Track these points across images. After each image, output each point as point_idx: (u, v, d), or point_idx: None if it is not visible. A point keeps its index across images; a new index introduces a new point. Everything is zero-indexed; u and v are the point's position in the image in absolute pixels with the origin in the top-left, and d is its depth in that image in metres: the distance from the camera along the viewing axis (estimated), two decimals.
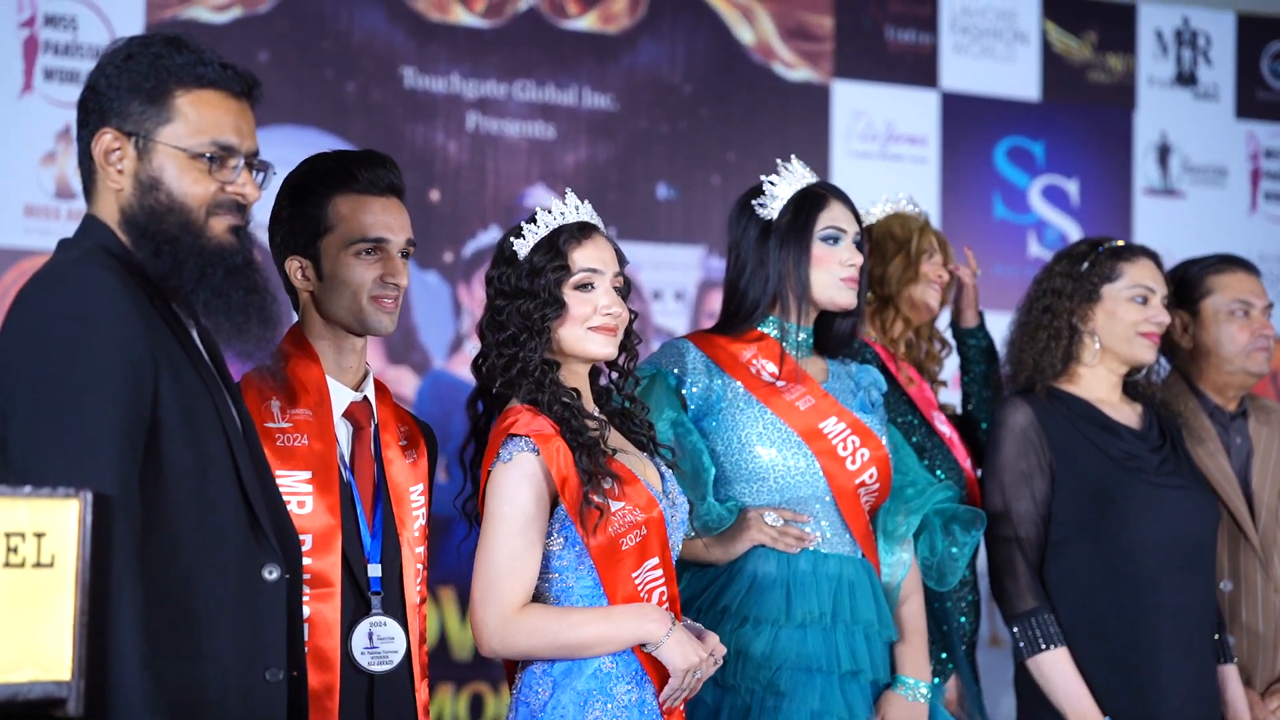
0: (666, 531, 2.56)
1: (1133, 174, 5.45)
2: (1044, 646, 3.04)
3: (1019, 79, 5.35)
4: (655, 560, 2.54)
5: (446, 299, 4.68)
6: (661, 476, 2.64)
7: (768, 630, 2.80)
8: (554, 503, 2.52)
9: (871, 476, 2.89)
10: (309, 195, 2.54)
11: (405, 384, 4.58)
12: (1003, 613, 3.10)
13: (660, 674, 2.51)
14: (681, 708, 2.56)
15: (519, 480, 2.49)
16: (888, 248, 3.37)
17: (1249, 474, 3.38)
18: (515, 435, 2.51)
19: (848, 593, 2.85)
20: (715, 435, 2.86)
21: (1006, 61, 5.33)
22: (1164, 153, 5.49)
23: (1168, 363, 3.49)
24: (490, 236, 4.73)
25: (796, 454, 2.85)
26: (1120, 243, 3.24)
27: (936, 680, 3.05)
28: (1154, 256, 3.22)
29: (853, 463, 2.87)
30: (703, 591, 2.86)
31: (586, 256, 2.59)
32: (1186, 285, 3.42)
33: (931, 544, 2.98)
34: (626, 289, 2.65)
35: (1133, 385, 3.23)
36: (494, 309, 2.60)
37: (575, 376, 2.62)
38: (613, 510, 2.49)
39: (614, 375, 2.69)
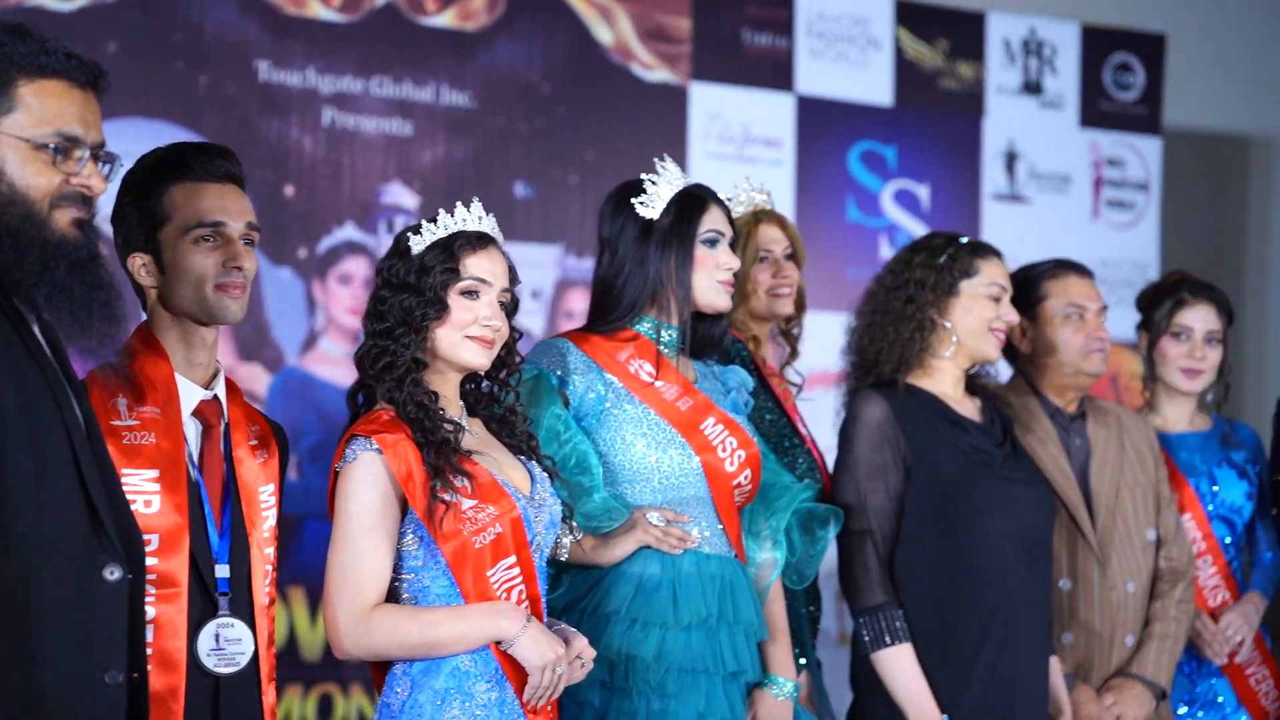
0: (526, 532, 2.57)
1: (981, 179, 5.56)
2: (889, 642, 3.07)
3: (873, 84, 5.43)
4: (512, 560, 2.55)
5: (300, 295, 4.63)
6: (533, 480, 2.65)
7: (656, 632, 2.81)
8: (404, 503, 2.52)
9: (747, 477, 2.92)
10: (146, 189, 2.51)
11: (257, 381, 4.52)
12: (850, 606, 3.13)
13: (520, 673, 2.52)
14: (549, 707, 2.57)
15: (363, 480, 2.51)
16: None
17: (1088, 474, 3.46)
18: (358, 435, 2.53)
19: (730, 593, 2.87)
20: (597, 435, 2.86)
21: (861, 67, 5.41)
22: (1011, 159, 5.60)
23: (1010, 365, 3.57)
24: (346, 233, 4.69)
25: (680, 453, 2.86)
26: (974, 240, 3.29)
27: (797, 681, 3.08)
28: (1002, 257, 3.27)
29: (731, 463, 2.90)
30: (586, 594, 2.86)
31: (479, 265, 2.61)
32: (1025, 290, 3.49)
33: (791, 543, 3.02)
34: (513, 306, 2.67)
35: (971, 380, 3.27)
36: (378, 299, 2.62)
37: (443, 381, 2.63)
38: (464, 509, 2.50)
39: (494, 387, 2.69)
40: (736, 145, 5.22)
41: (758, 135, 5.26)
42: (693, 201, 2.92)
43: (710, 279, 2.91)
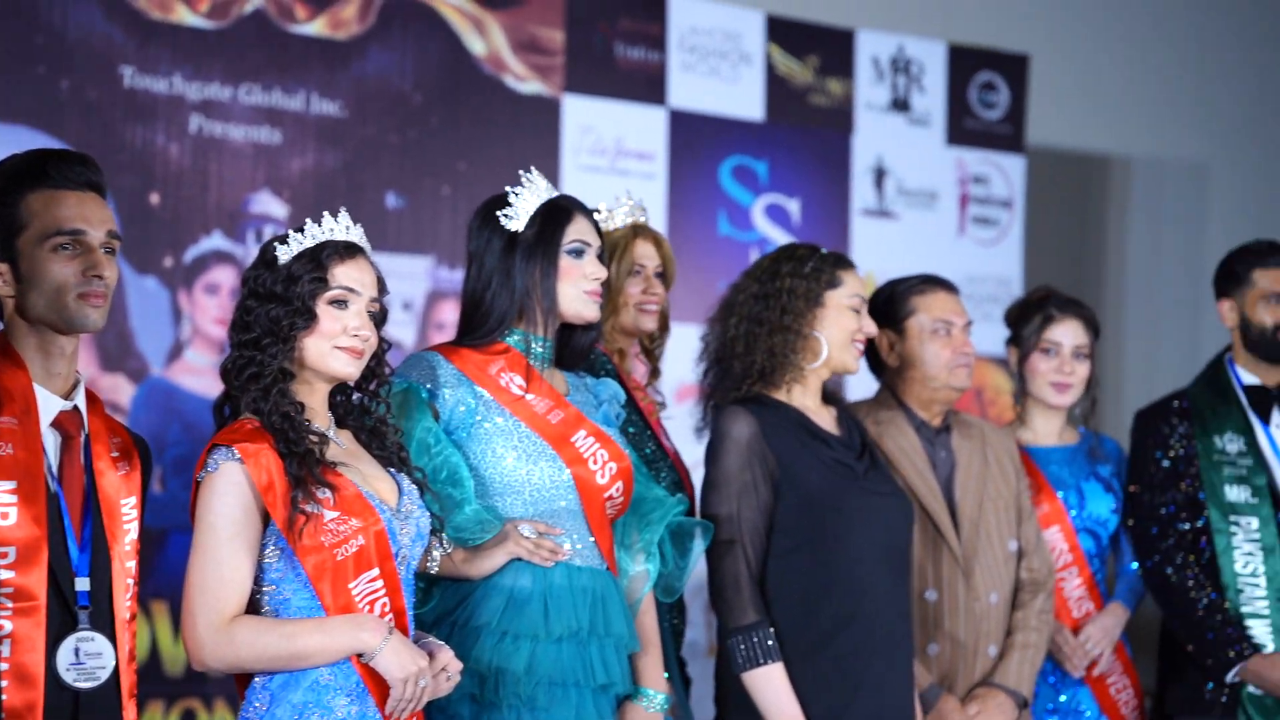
0: (390, 544, 2.55)
1: (850, 195, 5.63)
2: (760, 661, 3.07)
3: (744, 99, 5.48)
4: (375, 572, 2.53)
5: (165, 305, 4.55)
6: (400, 492, 2.63)
7: (526, 645, 2.80)
8: (266, 514, 2.50)
9: (618, 490, 2.92)
10: (3, 196, 2.47)
11: (120, 392, 4.44)
12: (721, 624, 3.13)
13: (383, 686, 2.50)
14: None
15: (224, 490, 2.49)
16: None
17: (953, 487, 3.51)
18: (220, 445, 2.51)
19: (601, 606, 2.87)
20: (468, 448, 2.85)
21: (732, 82, 5.45)
22: (879, 175, 5.68)
23: (877, 379, 3.61)
24: (213, 242, 4.62)
25: (550, 466, 2.86)
26: (833, 251, 3.29)
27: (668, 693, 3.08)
28: (856, 269, 3.29)
29: (602, 476, 2.90)
30: (457, 607, 2.84)
31: (347, 275, 2.60)
32: (892, 304, 3.53)
33: (662, 556, 3.03)
34: (382, 317, 2.66)
35: (828, 393, 3.28)
36: (244, 309, 2.60)
37: (311, 392, 2.62)
38: (326, 521, 2.49)
39: (364, 398, 2.68)
40: (609, 158, 5.23)
41: (630, 148, 5.27)
42: (557, 212, 2.92)
43: (576, 289, 2.92)
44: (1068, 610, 3.75)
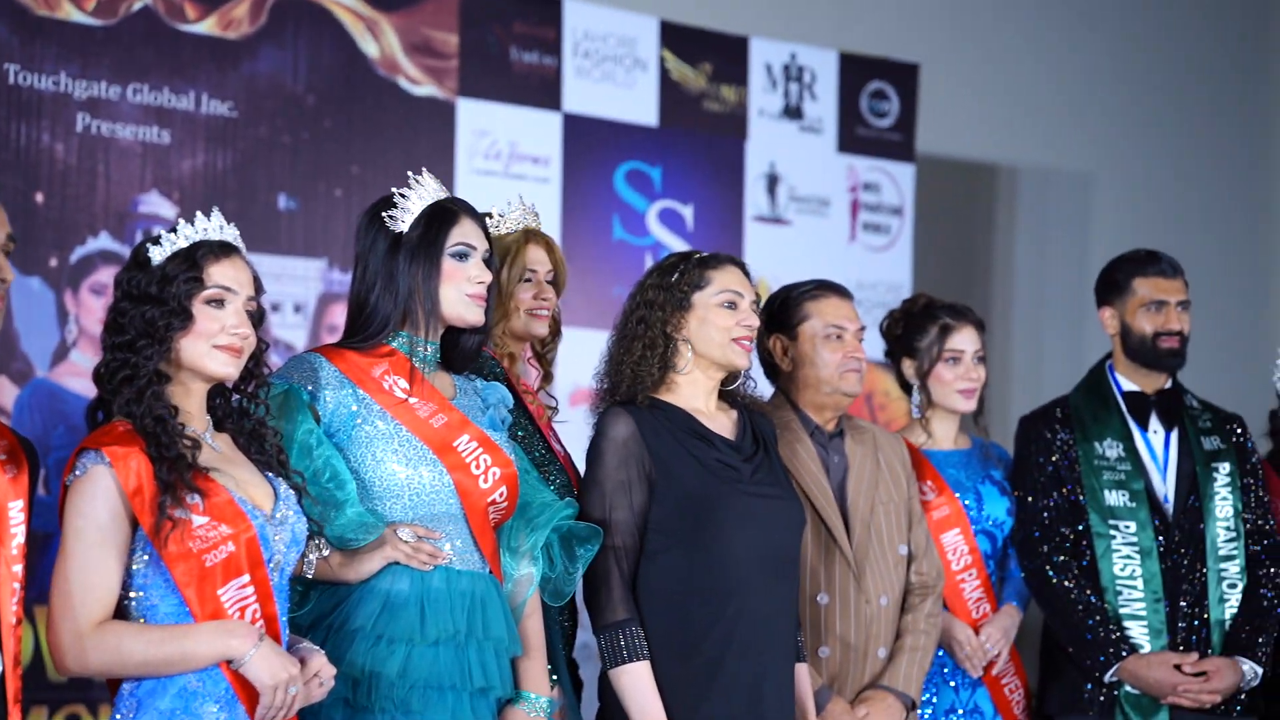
0: (262, 551, 2.53)
1: (744, 201, 5.67)
2: (626, 658, 3.07)
3: (638, 105, 5.50)
4: (245, 579, 2.52)
5: (51, 306, 4.47)
6: (276, 497, 2.61)
7: (401, 649, 2.79)
8: (135, 519, 2.47)
9: (502, 495, 2.92)
10: None
11: (4, 393, 4.36)
12: (592, 622, 3.13)
13: (253, 693, 2.49)
14: None
15: (91, 494, 2.47)
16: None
17: (845, 490, 3.55)
18: (88, 449, 2.48)
19: (480, 609, 2.87)
20: (349, 451, 2.83)
21: (627, 87, 5.47)
22: (772, 182, 5.72)
23: (772, 384, 3.64)
24: (100, 243, 4.55)
25: (431, 470, 2.85)
26: (707, 253, 3.31)
27: (553, 697, 3.08)
28: (740, 265, 3.30)
29: (485, 480, 2.89)
30: (332, 610, 2.82)
31: (223, 274, 2.58)
32: (786, 310, 3.57)
33: (550, 560, 3.03)
34: (259, 316, 2.63)
35: (729, 394, 3.31)
36: (117, 311, 2.57)
37: (187, 394, 2.59)
38: (195, 526, 2.46)
39: (243, 400, 2.65)
40: (504, 162, 5.23)
41: (525, 153, 5.27)
42: (442, 214, 2.92)
43: (459, 292, 2.91)
44: (966, 611, 3.81)
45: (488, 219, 3.50)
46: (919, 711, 3.68)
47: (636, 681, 3.07)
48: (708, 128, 5.60)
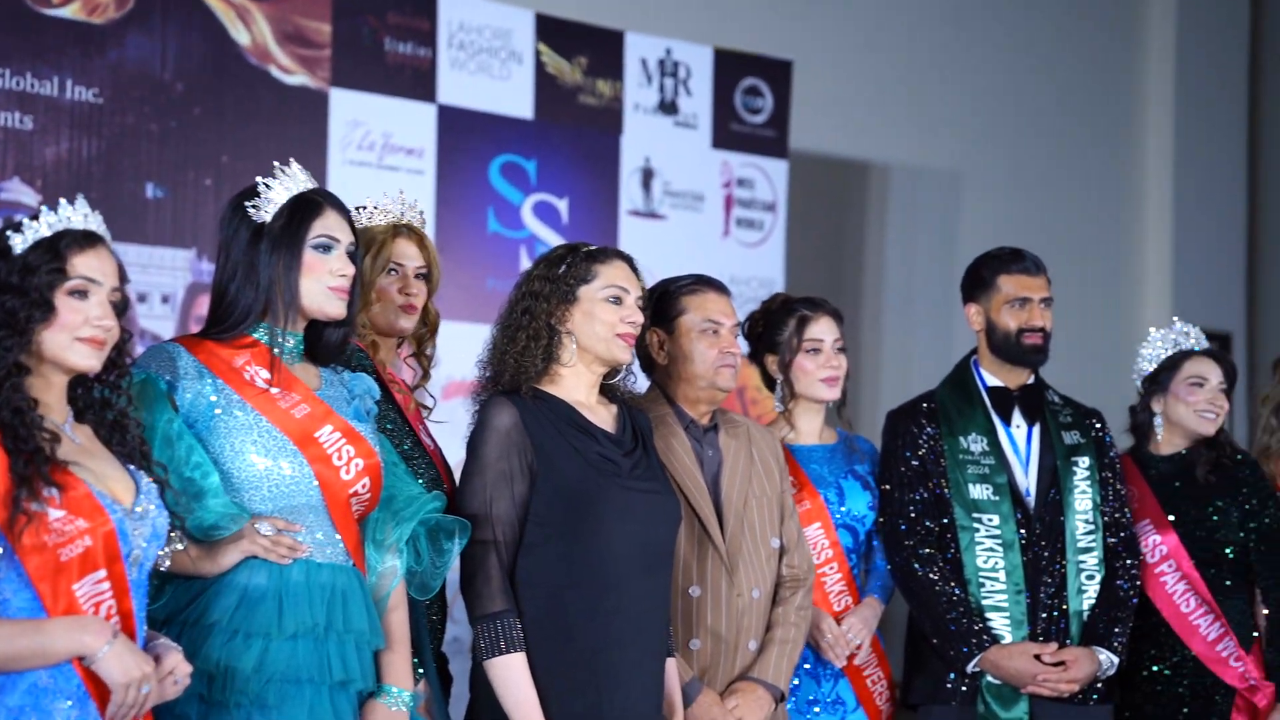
0: (120, 545, 2.49)
1: (619, 195, 5.68)
2: (503, 649, 3.07)
3: (514, 97, 5.48)
4: (102, 574, 2.47)
5: None
6: (137, 490, 2.57)
7: (258, 643, 2.76)
8: None
9: (365, 486, 2.90)
10: None
11: None
12: (469, 613, 3.12)
13: (105, 691, 2.44)
14: None
15: None
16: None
17: (719, 484, 3.57)
18: None
19: (341, 602, 2.84)
20: (208, 442, 2.79)
21: (502, 80, 5.46)
22: (647, 176, 5.74)
23: (648, 377, 3.65)
24: None
25: (291, 462, 2.82)
26: (595, 246, 3.31)
27: (416, 689, 3.06)
28: (628, 259, 3.30)
29: (347, 472, 2.87)
30: (189, 605, 2.78)
31: (87, 264, 2.52)
32: (663, 304, 3.58)
33: (417, 553, 3.02)
34: (123, 305, 2.58)
35: (610, 388, 3.32)
36: None
37: (47, 386, 2.54)
38: (51, 521, 2.42)
39: (105, 391, 2.60)
40: (377, 153, 5.19)
41: (399, 144, 5.24)
42: (305, 206, 2.89)
43: (320, 284, 2.89)
44: (828, 604, 3.84)
45: (359, 211, 3.48)
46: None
47: (512, 673, 3.07)
48: (583, 121, 5.60)
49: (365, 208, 3.48)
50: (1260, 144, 7.87)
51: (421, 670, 3.17)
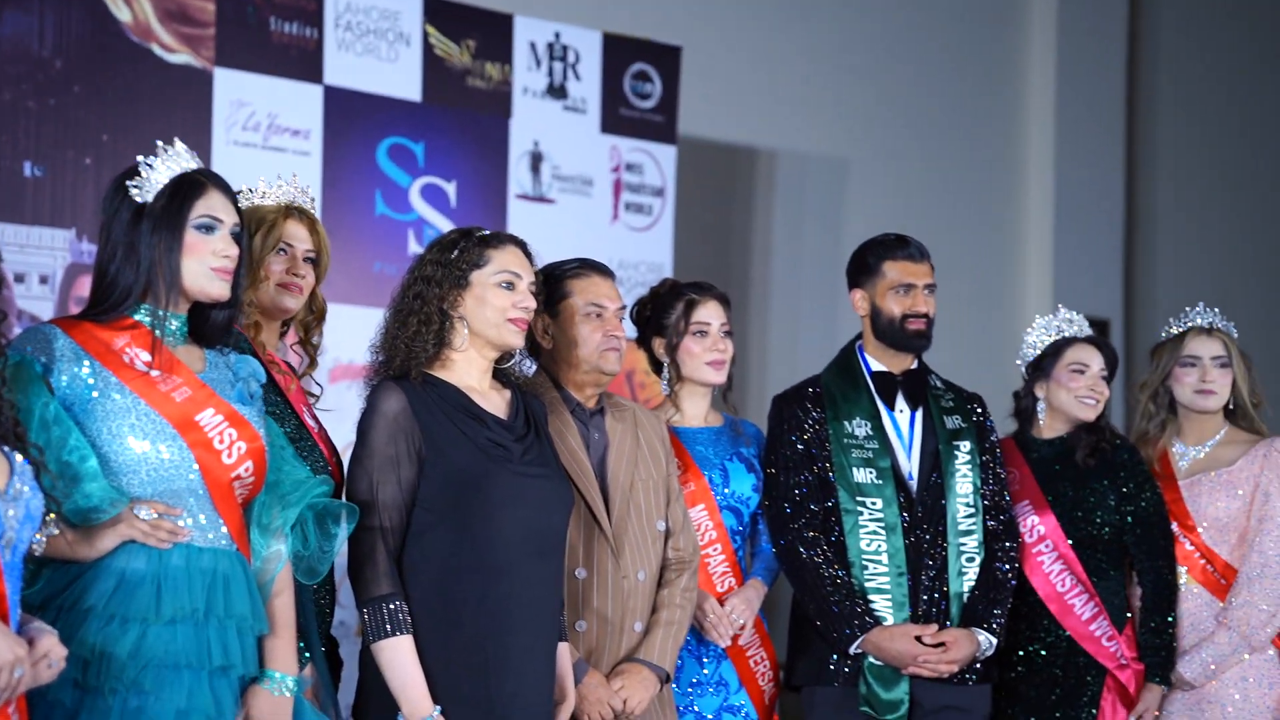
0: None
1: (508, 179, 5.67)
2: (389, 632, 3.06)
3: (402, 79, 5.45)
4: None
5: None
6: (11, 471, 2.52)
7: (135, 628, 2.73)
8: None
9: (248, 470, 2.88)
10: None
11: None
12: (356, 597, 3.11)
13: None
14: (11, 710, 2.45)
15: None
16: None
17: (605, 467, 3.59)
18: None
19: (222, 587, 2.82)
20: (86, 425, 2.75)
21: (390, 61, 5.42)
22: (536, 160, 5.73)
23: (534, 362, 3.66)
24: None
25: (171, 446, 2.79)
26: (489, 231, 3.30)
27: (302, 674, 3.04)
28: (521, 244, 3.30)
29: (229, 456, 2.85)
30: (65, 589, 2.74)
31: None
32: (549, 287, 3.58)
33: (305, 537, 2.99)
34: None
35: (503, 373, 3.31)
36: None
37: None
38: None
39: None
40: (262, 134, 5.13)
41: (284, 125, 5.18)
42: (188, 186, 2.87)
43: (202, 265, 2.87)
44: (712, 585, 3.87)
45: (249, 190, 3.45)
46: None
47: (399, 655, 3.06)
48: (472, 104, 5.58)
49: (255, 188, 3.45)
50: (1138, 135, 8.03)
51: (308, 655, 3.15)
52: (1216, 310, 4.26)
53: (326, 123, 5.26)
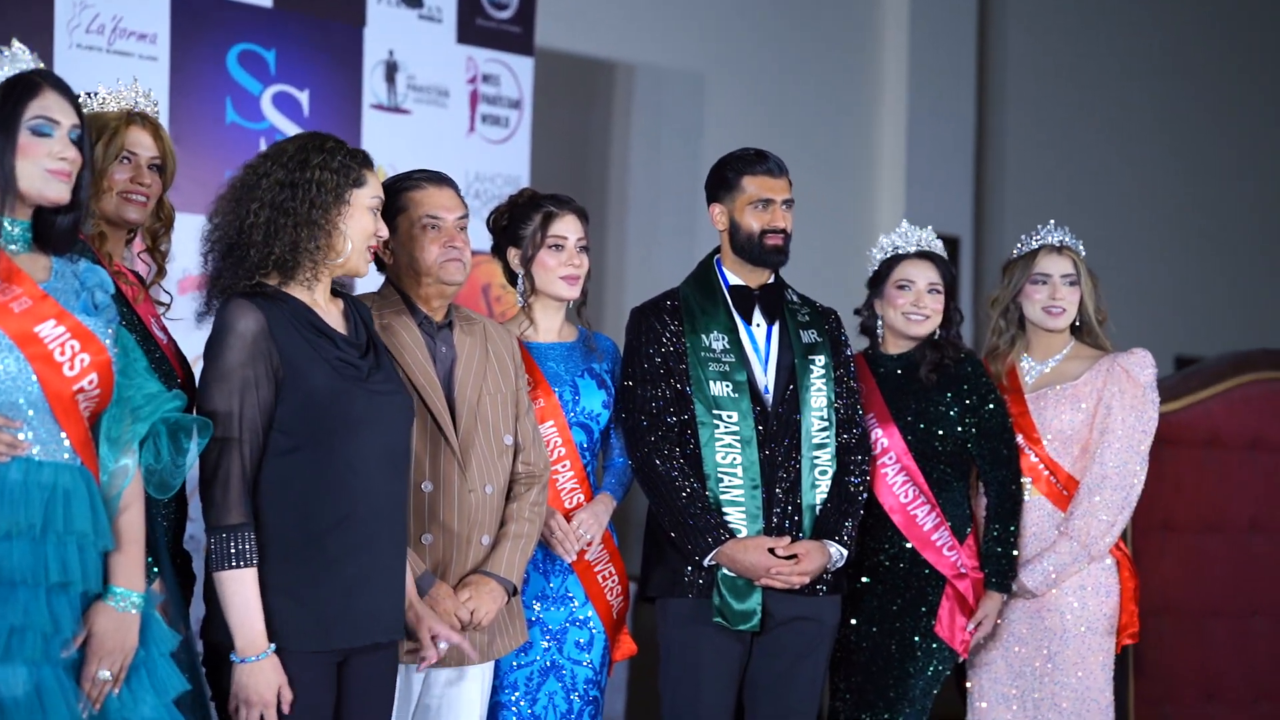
0: None
1: (362, 89, 5.58)
2: (234, 564, 3.01)
3: None
4: None
5: None
6: None
7: None
8: None
9: (91, 382, 2.82)
10: None
11: None
12: (205, 519, 3.06)
13: None
14: None
15: None
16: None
17: (453, 381, 3.58)
18: None
19: (62, 502, 2.76)
20: None
21: None
22: (391, 70, 5.64)
23: (381, 274, 3.63)
24: None
25: (7, 358, 2.73)
26: (359, 150, 3.24)
27: (151, 589, 3.00)
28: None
29: (71, 368, 2.78)
30: None
31: None
32: (387, 201, 3.53)
33: (157, 451, 2.94)
34: None
35: (336, 289, 3.25)
36: None
37: None
38: None
39: None
40: (107, 37, 4.98)
41: (130, 28, 5.03)
42: (23, 86, 2.79)
43: (37, 167, 2.79)
44: (560, 502, 3.88)
45: (89, 96, 3.35)
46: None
47: (241, 587, 3.02)
48: (324, 12, 5.47)
49: (96, 94, 3.35)
50: (989, 54, 8.13)
51: (157, 570, 3.11)
52: (1066, 228, 4.33)
53: (174, 27, 5.12)
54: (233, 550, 3.01)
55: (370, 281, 3.66)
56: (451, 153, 5.71)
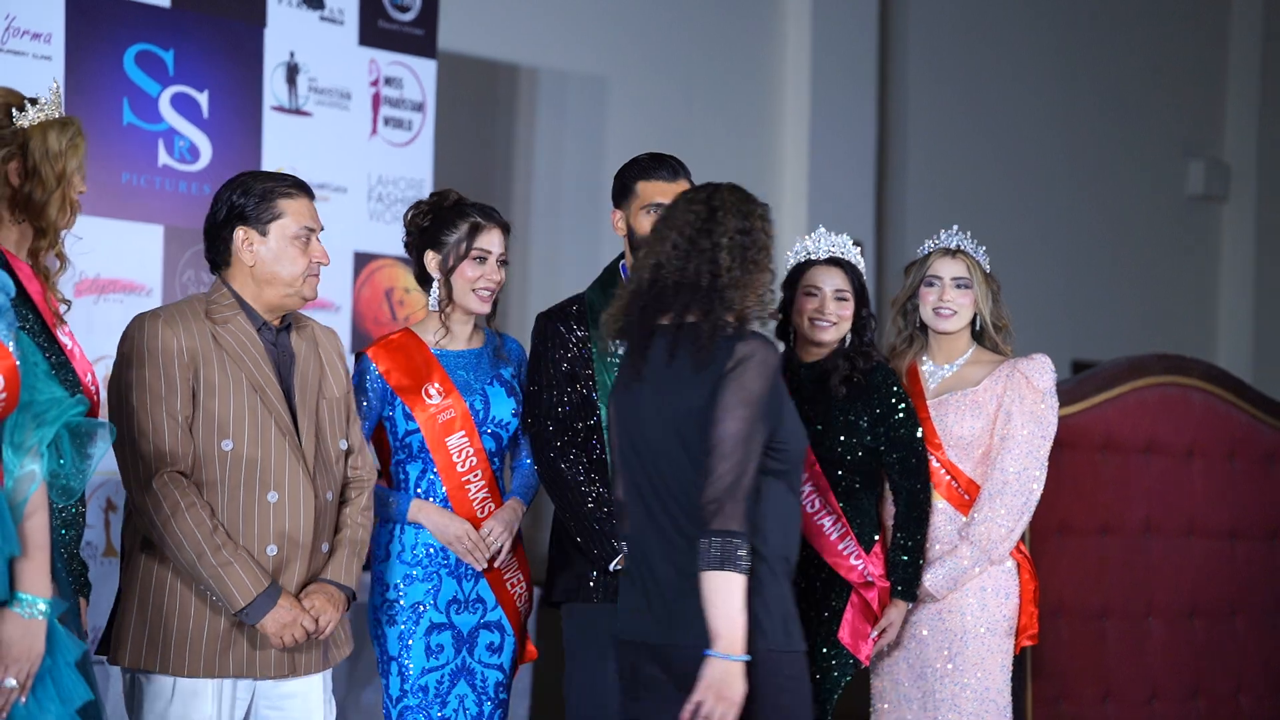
0: None
1: (263, 91, 5.52)
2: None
3: None
4: None
5: None
6: None
7: None
8: None
9: None
10: None
11: None
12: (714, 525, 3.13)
13: None
14: None
15: None
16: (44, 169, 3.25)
17: (292, 385, 3.52)
18: None
19: None
20: None
21: None
22: (292, 72, 5.59)
23: (213, 274, 3.57)
24: None
25: None
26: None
27: (56, 598, 2.95)
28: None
29: None
30: None
31: None
32: (261, 203, 3.48)
33: (60, 456, 2.89)
34: None
35: None
36: None
37: None
38: None
39: None
40: (1, 37, 4.89)
41: (23, 27, 4.94)
42: None
43: None
44: (471, 511, 3.87)
45: (30, 104, 3.30)
46: (403, 603, 3.82)
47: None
48: (224, 12, 5.40)
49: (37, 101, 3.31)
50: (890, 59, 8.21)
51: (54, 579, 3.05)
52: (968, 233, 4.36)
53: (69, 26, 5.03)
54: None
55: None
56: (354, 156, 5.66)
